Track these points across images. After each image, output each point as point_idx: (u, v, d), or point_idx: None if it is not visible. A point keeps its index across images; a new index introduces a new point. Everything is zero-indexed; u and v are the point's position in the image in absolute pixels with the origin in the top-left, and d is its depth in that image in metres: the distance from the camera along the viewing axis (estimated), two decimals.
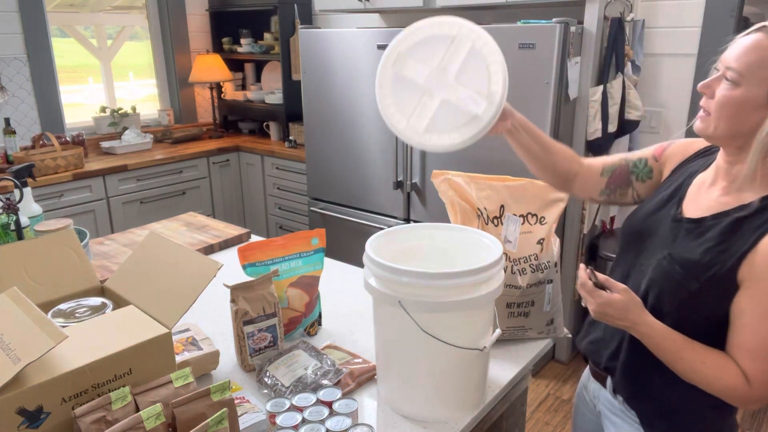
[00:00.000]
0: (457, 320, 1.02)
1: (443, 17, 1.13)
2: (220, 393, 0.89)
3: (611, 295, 0.99)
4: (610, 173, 1.22)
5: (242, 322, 1.23)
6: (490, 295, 1.03)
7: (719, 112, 0.95)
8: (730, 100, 0.93)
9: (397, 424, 1.09)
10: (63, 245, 1.24)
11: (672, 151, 1.17)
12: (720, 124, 0.96)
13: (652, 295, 1.05)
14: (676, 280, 1.00)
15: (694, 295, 0.98)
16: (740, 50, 0.93)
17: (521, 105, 2.44)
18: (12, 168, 1.66)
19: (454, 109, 1.11)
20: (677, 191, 1.10)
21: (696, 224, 1.02)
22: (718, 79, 0.96)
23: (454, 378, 1.07)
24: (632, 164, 1.21)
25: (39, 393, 0.83)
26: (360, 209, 3.19)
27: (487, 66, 1.09)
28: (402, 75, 1.14)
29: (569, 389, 2.74)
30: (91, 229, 3.29)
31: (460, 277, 0.99)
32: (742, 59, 0.92)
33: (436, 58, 1.12)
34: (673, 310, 1.01)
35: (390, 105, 1.15)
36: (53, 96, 3.51)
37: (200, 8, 4.24)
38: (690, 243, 1.01)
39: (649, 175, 1.19)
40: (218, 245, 1.95)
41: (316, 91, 3.17)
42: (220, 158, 3.88)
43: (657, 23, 2.66)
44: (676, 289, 1.00)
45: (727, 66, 0.94)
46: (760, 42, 0.91)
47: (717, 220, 0.99)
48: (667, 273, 1.01)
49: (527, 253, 1.34)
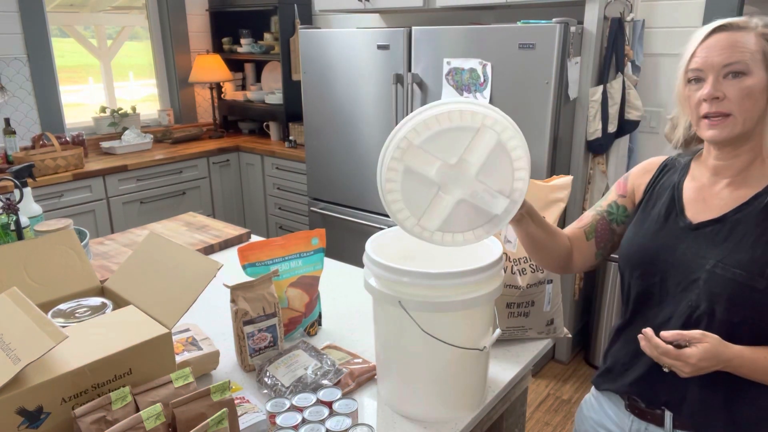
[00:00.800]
0: (458, 320, 1.02)
1: (464, 104, 0.98)
2: (220, 393, 0.89)
3: (697, 348, 0.94)
4: (594, 232, 1.21)
5: (242, 322, 1.23)
6: (490, 295, 1.03)
7: (742, 107, 0.96)
8: (750, 91, 0.95)
9: (396, 424, 1.09)
10: (63, 245, 1.24)
11: (633, 179, 1.18)
12: (746, 116, 0.96)
13: (719, 309, 0.99)
14: (741, 284, 0.96)
15: (765, 291, 0.95)
16: (725, 47, 0.96)
17: (521, 105, 2.44)
18: (12, 168, 1.66)
19: (472, 209, 1.01)
20: (672, 204, 1.08)
21: (720, 224, 1.01)
22: (718, 81, 0.97)
23: (454, 378, 1.07)
24: (606, 213, 1.21)
25: (39, 393, 0.83)
26: (360, 209, 3.19)
27: (512, 161, 0.98)
28: (413, 169, 0.98)
29: (569, 389, 2.74)
30: (91, 229, 3.29)
31: (460, 277, 0.99)
32: (737, 51, 0.95)
33: (456, 151, 0.97)
34: (746, 317, 0.97)
35: (398, 201, 1.01)
36: (53, 96, 3.51)
37: (200, 8, 4.24)
38: (731, 243, 0.99)
39: (625, 213, 1.19)
40: (218, 245, 1.95)
41: (316, 91, 3.17)
42: (220, 158, 3.88)
43: (657, 23, 2.66)
44: (745, 292, 0.96)
45: (724, 65, 0.96)
46: (733, 36, 0.96)
47: (741, 212, 0.99)
48: (728, 280, 0.97)
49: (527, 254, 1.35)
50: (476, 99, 2.53)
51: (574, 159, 2.63)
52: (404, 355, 1.07)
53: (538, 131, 2.43)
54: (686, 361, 0.95)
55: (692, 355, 0.94)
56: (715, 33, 0.98)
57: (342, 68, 3.01)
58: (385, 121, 2.92)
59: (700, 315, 1.01)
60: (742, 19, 0.97)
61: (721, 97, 0.97)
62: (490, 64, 2.46)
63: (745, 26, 0.97)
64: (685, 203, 1.07)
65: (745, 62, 0.94)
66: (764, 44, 0.96)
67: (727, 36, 0.96)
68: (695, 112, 1.01)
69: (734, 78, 0.95)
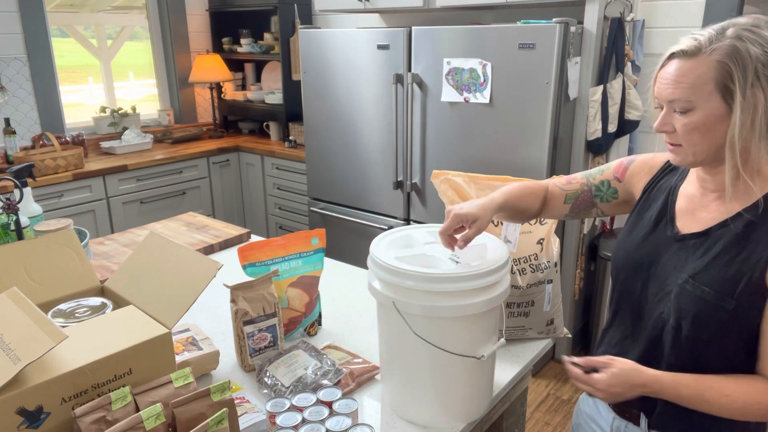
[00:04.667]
0: (457, 326, 1.01)
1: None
2: (220, 393, 0.89)
3: (605, 373, 0.98)
4: (573, 200, 1.22)
5: (242, 322, 1.23)
6: (491, 300, 1.01)
7: (689, 141, 0.94)
8: (695, 126, 0.92)
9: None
10: (63, 245, 1.24)
11: (635, 169, 1.16)
12: (696, 149, 0.94)
13: (686, 326, 0.97)
14: (708, 302, 0.94)
15: (733, 313, 0.93)
16: (671, 81, 0.92)
17: (521, 105, 2.44)
18: (12, 168, 1.66)
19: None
20: (664, 210, 1.07)
21: (703, 237, 0.98)
22: (669, 114, 0.95)
23: (455, 386, 1.06)
24: (595, 188, 1.21)
25: (39, 393, 0.83)
26: (360, 209, 3.19)
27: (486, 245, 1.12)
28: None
29: (569, 389, 2.74)
30: (91, 229, 3.29)
31: (464, 281, 0.98)
32: (680, 88, 0.91)
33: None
34: (714, 336, 0.95)
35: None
36: (53, 96, 3.51)
37: (200, 8, 4.24)
38: (706, 259, 0.96)
39: (614, 195, 1.19)
40: (218, 245, 1.95)
41: (316, 91, 3.17)
42: (220, 158, 3.88)
43: (657, 23, 2.66)
44: (711, 311, 0.94)
45: (669, 101, 0.93)
46: (683, 66, 0.91)
47: (725, 228, 0.96)
48: (696, 298, 0.95)
49: (527, 253, 1.34)
50: (476, 98, 2.54)
51: (574, 159, 2.63)
52: (406, 358, 1.06)
53: (538, 131, 2.43)
54: (595, 386, 0.98)
55: (599, 380, 0.97)
56: (670, 59, 0.94)
57: (342, 68, 3.01)
58: (385, 121, 2.92)
59: (668, 329, 1.01)
60: (695, 44, 0.91)
61: (669, 130, 0.96)
62: (490, 64, 2.46)
63: (697, 53, 0.90)
64: (677, 211, 1.05)
65: (687, 99, 0.91)
66: (716, 73, 0.89)
67: (677, 66, 0.92)
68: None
69: (681, 114, 0.93)
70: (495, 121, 2.53)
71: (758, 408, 0.92)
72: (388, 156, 2.96)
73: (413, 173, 2.90)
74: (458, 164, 2.70)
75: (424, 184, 2.87)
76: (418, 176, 2.88)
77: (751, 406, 0.92)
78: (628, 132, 2.69)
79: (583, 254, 2.78)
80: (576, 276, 2.76)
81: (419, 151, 2.84)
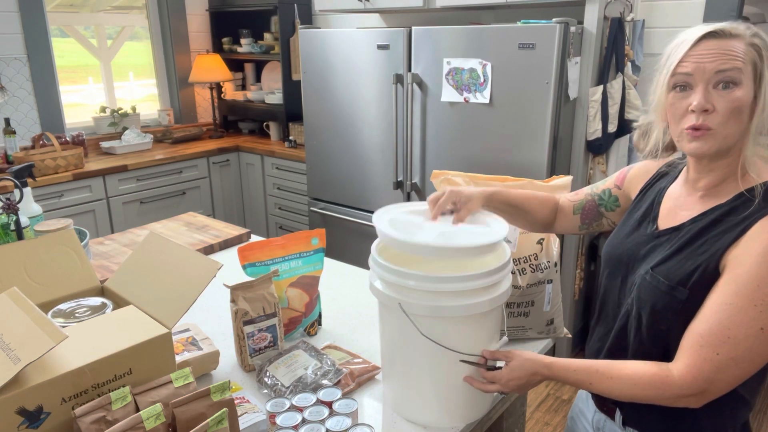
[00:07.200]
0: (461, 325, 1.01)
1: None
2: (220, 393, 0.89)
3: (506, 366, 1.03)
4: (581, 210, 1.25)
5: (242, 322, 1.23)
6: (495, 300, 1.01)
7: (729, 121, 0.90)
8: (740, 104, 0.90)
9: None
10: (63, 245, 1.24)
11: (633, 175, 1.18)
12: (728, 132, 0.91)
13: (645, 316, 0.99)
14: (663, 292, 0.95)
15: (686, 303, 0.94)
16: (717, 53, 0.89)
17: (521, 105, 2.44)
18: (12, 168, 1.66)
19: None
20: (650, 210, 1.08)
21: (675, 232, 1.00)
22: (708, 92, 0.91)
23: (458, 386, 1.06)
24: (598, 197, 1.23)
25: (39, 393, 0.83)
26: (360, 209, 3.19)
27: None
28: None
29: (569, 389, 2.74)
30: (91, 229, 3.29)
31: (465, 281, 0.98)
32: (730, 57, 0.89)
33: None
34: (671, 326, 0.96)
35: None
36: (53, 96, 3.51)
37: (200, 8, 4.24)
38: (669, 252, 0.98)
39: (616, 203, 1.21)
40: (218, 245, 1.95)
41: (316, 91, 3.17)
42: (220, 158, 3.88)
43: (657, 23, 2.66)
44: (666, 301, 0.95)
45: (717, 71, 0.89)
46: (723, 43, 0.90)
47: (696, 222, 0.97)
48: (653, 288, 0.97)
49: (527, 253, 1.34)
50: (476, 98, 2.54)
51: (574, 159, 2.63)
52: (407, 358, 1.06)
53: (538, 131, 2.43)
54: (498, 382, 1.04)
55: (500, 374, 1.03)
56: (704, 39, 0.91)
57: (342, 68, 3.01)
58: (385, 121, 2.92)
59: (631, 320, 1.03)
60: (732, 26, 0.91)
61: (710, 109, 0.90)
62: (490, 64, 2.46)
63: (736, 34, 0.90)
64: (661, 211, 1.06)
65: (739, 70, 0.89)
66: (754, 55, 0.90)
67: (717, 43, 0.90)
68: (679, 122, 0.95)
69: (724, 89, 0.89)
70: (495, 121, 2.53)
71: (638, 390, 0.94)
72: (388, 156, 2.96)
73: (413, 173, 2.90)
74: (458, 164, 2.70)
75: (424, 184, 2.87)
76: (418, 176, 2.88)
77: (630, 388, 0.95)
78: (628, 132, 2.69)
79: (583, 254, 2.78)
80: (576, 276, 2.76)
81: (419, 151, 2.84)
